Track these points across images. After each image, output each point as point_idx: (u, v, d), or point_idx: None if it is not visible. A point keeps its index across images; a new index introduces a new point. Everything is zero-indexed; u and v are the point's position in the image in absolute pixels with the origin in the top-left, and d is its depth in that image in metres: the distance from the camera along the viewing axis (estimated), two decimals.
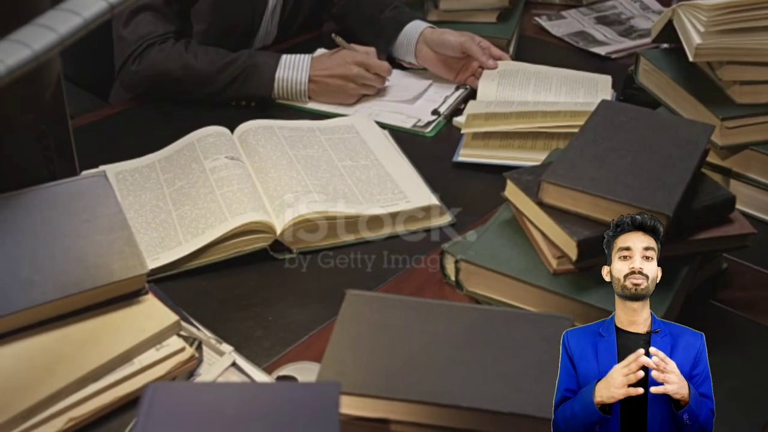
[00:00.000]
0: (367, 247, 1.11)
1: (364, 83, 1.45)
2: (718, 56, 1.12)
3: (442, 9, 1.69)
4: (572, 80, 1.42)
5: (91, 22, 0.66)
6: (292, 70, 1.44)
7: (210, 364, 0.88)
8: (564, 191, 0.89)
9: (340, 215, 1.09)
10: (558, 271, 0.89)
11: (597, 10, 1.86)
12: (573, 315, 0.88)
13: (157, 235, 1.08)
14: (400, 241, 1.12)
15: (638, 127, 0.99)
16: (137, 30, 1.41)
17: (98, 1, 0.67)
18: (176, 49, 1.42)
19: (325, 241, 1.10)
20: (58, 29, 0.62)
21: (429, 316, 0.80)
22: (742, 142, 1.14)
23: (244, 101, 1.45)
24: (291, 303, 1.01)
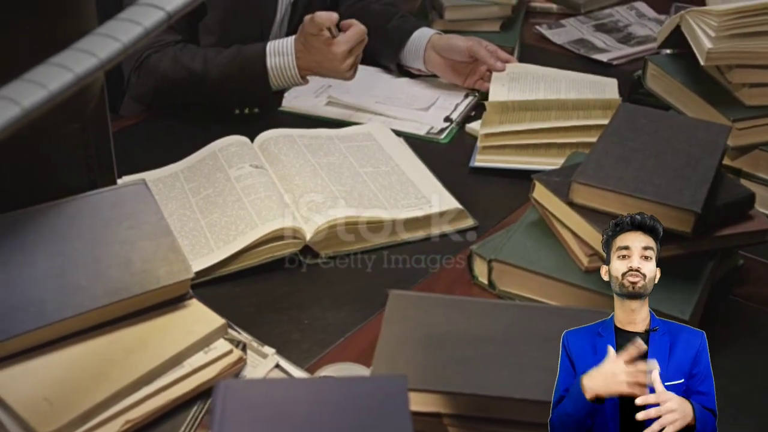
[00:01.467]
0: (393, 250, 1.13)
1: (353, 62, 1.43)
2: (728, 60, 1.16)
3: (447, 19, 1.73)
4: (580, 83, 1.46)
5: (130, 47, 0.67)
6: (280, 57, 1.44)
7: (254, 366, 0.90)
8: (594, 191, 0.92)
9: (367, 220, 1.12)
10: (590, 268, 0.92)
11: (595, 18, 1.91)
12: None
13: (187, 243, 1.09)
14: (424, 245, 1.15)
15: (658, 129, 1.02)
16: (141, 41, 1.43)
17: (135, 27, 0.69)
18: (171, 51, 1.44)
19: (353, 245, 1.12)
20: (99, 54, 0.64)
21: (472, 313, 0.83)
22: (752, 143, 1.18)
23: (246, 108, 1.46)
24: (325, 306, 1.04)
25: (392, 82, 1.57)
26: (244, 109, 1.47)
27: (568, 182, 0.93)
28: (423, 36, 1.57)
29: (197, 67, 1.43)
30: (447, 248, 1.14)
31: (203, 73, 1.43)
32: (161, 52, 1.44)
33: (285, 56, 1.44)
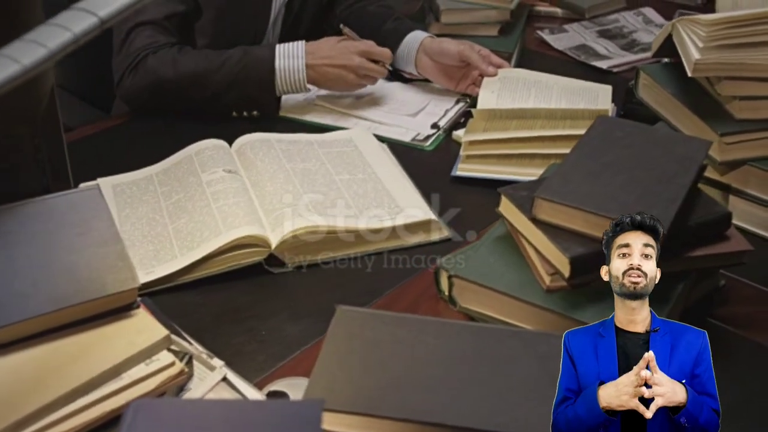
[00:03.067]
0: (362, 261, 1.11)
1: (365, 74, 1.45)
2: (716, 71, 1.11)
3: (443, 22, 1.69)
4: (572, 90, 1.42)
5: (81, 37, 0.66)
6: (289, 59, 1.42)
7: (201, 379, 0.88)
8: (557, 207, 0.88)
9: (334, 229, 1.09)
10: (551, 288, 0.88)
11: (599, 23, 1.86)
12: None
13: (152, 248, 1.08)
14: (396, 256, 1.12)
15: (635, 143, 0.99)
16: (134, 43, 1.41)
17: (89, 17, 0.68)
18: (169, 53, 1.41)
19: (321, 255, 1.10)
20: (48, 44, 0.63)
21: (420, 333, 0.80)
22: (741, 158, 1.14)
23: (245, 111, 1.45)
24: (285, 317, 1.01)
25: (383, 85, 1.54)
26: (243, 112, 1.45)
27: (532, 197, 0.89)
28: (415, 39, 1.54)
29: (199, 69, 1.41)
30: (417, 261, 1.11)
31: (205, 75, 1.41)
32: (158, 53, 1.42)
33: (294, 59, 1.42)
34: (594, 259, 0.86)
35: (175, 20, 1.45)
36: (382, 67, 1.47)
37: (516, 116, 1.31)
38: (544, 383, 0.73)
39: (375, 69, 1.45)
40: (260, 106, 1.45)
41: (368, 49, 1.45)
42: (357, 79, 1.45)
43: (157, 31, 1.43)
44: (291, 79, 1.43)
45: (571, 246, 0.86)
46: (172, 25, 1.45)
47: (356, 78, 1.45)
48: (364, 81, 1.46)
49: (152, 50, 1.42)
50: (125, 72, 1.42)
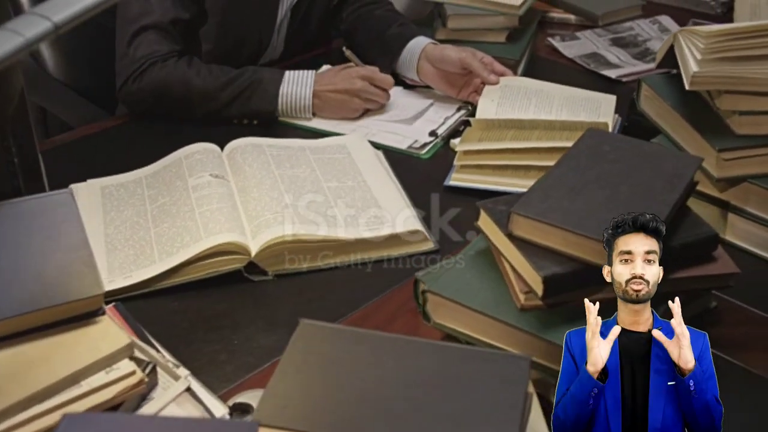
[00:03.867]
0: (345, 272, 1.09)
1: (367, 98, 1.44)
2: (715, 85, 1.07)
3: (450, 27, 1.67)
4: (575, 100, 1.39)
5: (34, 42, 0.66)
6: (296, 86, 1.43)
7: (165, 388, 0.87)
8: (534, 224, 0.85)
9: (317, 239, 1.07)
10: (525, 306, 0.85)
11: (613, 31, 1.82)
12: (540, 353, 0.85)
13: (132, 253, 1.07)
14: (379, 267, 1.10)
15: (622, 158, 0.95)
16: (140, 49, 1.41)
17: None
18: (179, 65, 1.41)
19: (302, 264, 1.08)
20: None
21: (381, 351, 0.77)
22: (740, 175, 1.10)
23: (246, 119, 1.44)
24: (260, 327, 1.00)
25: None
26: (243, 120, 1.44)
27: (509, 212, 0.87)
28: (417, 46, 1.52)
29: (208, 86, 1.41)
30: (401, 272, 1.08)
31: (213, 92, 1.41)
32: (168, 64, 1.41)
33: (302, 86, 1.43)
34: (570, 279, 0.84)
35: (180, 25, 1.44)
36: (385, 92, 1.45)
37: (514, 126, 1.28)
38: (504, 407, 0.71)
39: (377, 93, 1.44)
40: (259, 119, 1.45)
41: (370, 74, 1.44)
42: (360, 103, 1.44)
43: (162, 37, 1.41)
44: (295, 106, 1.43)
45: (547, 264, 0.83)
46: (176, 31, 1.44)
47: (360, 102, 1.44)
48: (368, 105, 1.45)
49: (159, 59, 1.41)
50: (129, 78, 1.42)
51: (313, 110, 1.44)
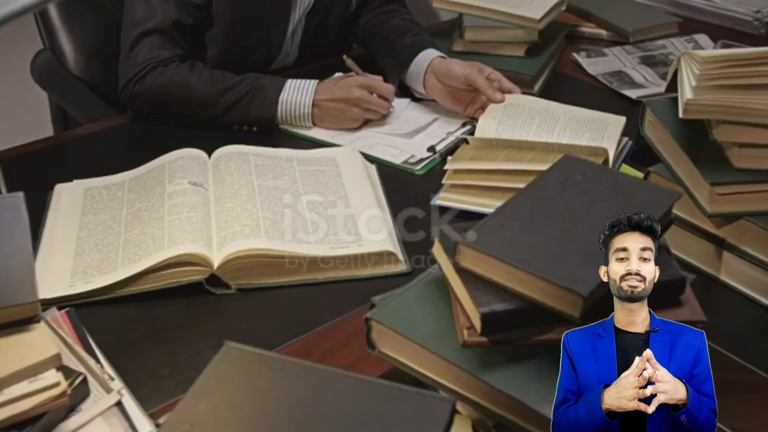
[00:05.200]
0: (309, 290, 1.06)
1: (367, 107, 1.41)
2: (709, 114, 1.00)
3: (467, 39, 1.62)
4: (580, 121, 1.32)
5: None
6: (297, 94, 1.40)
7: (95, 400, 0.85)
8: (480, 256, 0.81)
9: (282, 254, 1.04)
10: (467, 342, 0.80)
11: (644, 49, 1.74)
12: (480, 392, 0.80)
13: (99, 257, 1.06)
14: (346, 287, 1.06)
15: (592, 189, 0.89)
16: (142, 53, 1.41)
17: None
18: (180, 70, 1.41)
19: (266, 279, 1.05)
20: None
21: (301, 381, 0.74)
22: (735, 211, 1.02)
23: (246, 126, 1.43)
24: (211, 343, 0.97)
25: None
26: (243, 126, 1.43)
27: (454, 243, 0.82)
28: (425, 59, 1.47)
29: (208, 91, 1.40)
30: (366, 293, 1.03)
31: (213, 97, 1.40)
32: (169, 68, 1.42)
33: (303, 94, 1.40)
34: (513, 318, 0.79)
35: (184, 30, 1.44)
36: (385, 102, 1.41)
37: (510, 146, 1.23)
38: None
39: (377, 103, 1.41)
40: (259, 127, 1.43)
41: (370, 83, 1.41)
42: (360, 113, 1.40)
43: (165, 41, 1.42)
44: (295, 114, 1.41)
45: (488, 300, 0.78)
46: (179, 36, 1.43)
47: (359, 112, 1.40)
48: (368, 115, 1.41)
49: (159, 64, 1.41)
50: (130, 81, 1.42)
51: (312, 120, 1.41)
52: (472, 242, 0.81)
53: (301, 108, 1.40)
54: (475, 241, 0.81)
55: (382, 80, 1.43)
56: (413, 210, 1.19)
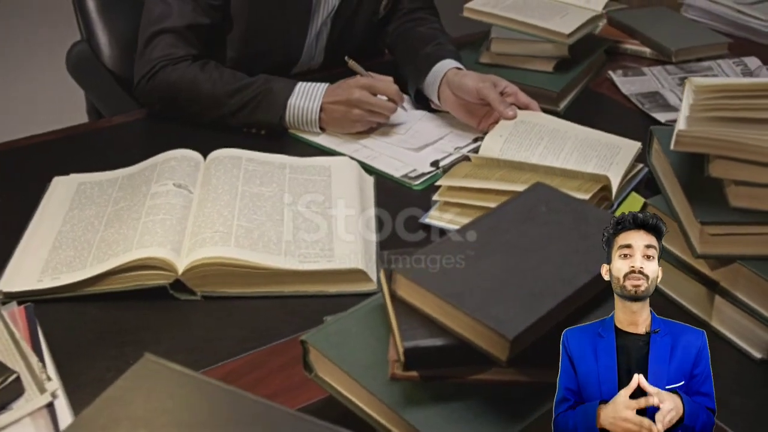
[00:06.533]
0: (273, 302, 1.03)
1: (369, 108, 1.36)
2: (702, 147, 0.92)
3: (493, 51, 1.56)
4: (590, 145, 1.25)
5: None
6: (305, 98, 1.38)
7: (27, 400, 0.85)
8: (414, 287, 0.76)
9: (249, 264, 1.02)
10: (395, 375, 0.76)
11: (687, 70, 1.64)
12: (403, 428, 0.76)
13: (72, 254, 1.06)
14: (311, 302, 1.03)
15: (554, 221, 0.84)
16: (156, 50, 1.41)
17: None
18: (191, 69, 1.41)
19: (231, 288, 1.04)
20: None
21: (209, 405, 0.71)
22: (727, 253, 0.94)
23: (254, 129, 1.41)
24: (166, 348, 0.96)
25: (403, 113, 1.44)
26: (252, 129, 1.42)
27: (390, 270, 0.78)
28: (441, 70, 1.43)
29: (217, 91, 1.39)
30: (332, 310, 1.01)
31: (221, 97, 1.39)
32: (179, 67, 1.41)
33: (311, 99, 1.37)
34: (443, 354, 0.75)
35: (199, 31, 1.44)
36: (389, 103, 1.37)
37: (508, 166, 1.18)
38: None
39: (379, 104, 1.36)
40: (267, 130, 1.41)
41: (371, 83, 1.36)
42: (361, 114, 1.36)
43: (178, 40, 1.42)
44: (302, 119, 1.38)
45: (415, 334, 0.74)
46: (193, 36, 1.43)
47: (360, 113, 1.36)
48: (372, 118, 1.37)
49: (171, 62, 1.41)
50: (143, 78, 1.43)
51: (320, 124, 1.38)
52: (406, 271, 0.77)
53: (308, 114, 1.38)
54: (409, 269, 0.77)
55: (389, 81, 1.38)
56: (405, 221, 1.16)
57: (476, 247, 0.80)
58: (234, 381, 0.92)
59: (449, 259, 0.78)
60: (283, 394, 0.90)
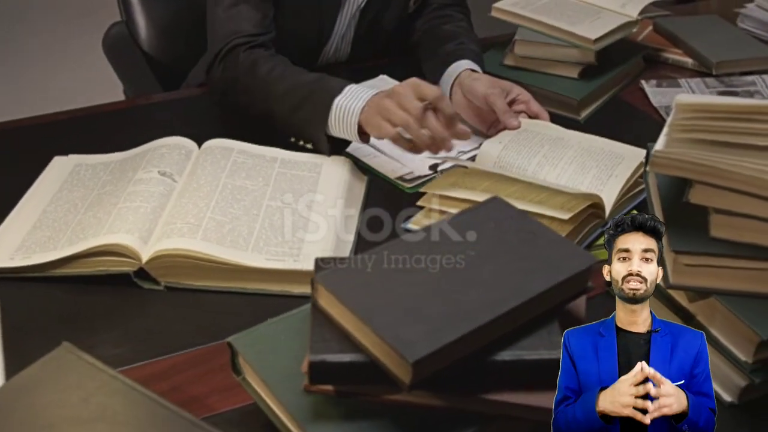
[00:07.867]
0: (235, 299, 1.02)
1: (399, 102, 1.15)
2: (678, 170, 0.85)
3: (516, 53, 1.50)
4: (592, 154, 1.19)
5: None
6: (351, 99, 1.21)
7: None
8: (333, 299, 0.73)
9: (213, 259, 1.01)
10: (308, 388, 0.74)
11: (727, 84, 1.54)
12: None
13: (48, 234, 1.08)
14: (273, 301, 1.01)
15: (500, 241, 0.79)
16: (231, 22, 1.34)
17: None
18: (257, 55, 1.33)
19: (194, 280, 1.03)
20: None
21: (109, 400, 0.71)
22: (701, 286, 0.87)
23: (302, 140, 1.30)
24: (113, 337, 0.96)
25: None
26: (299, 141, 1.31)
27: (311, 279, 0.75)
28: (456, 70, 1.38)
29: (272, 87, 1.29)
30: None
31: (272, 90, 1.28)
32: (246, 54, 1.33)
33: (356, 100, 1.20)
34: (352, 371, 0.72)
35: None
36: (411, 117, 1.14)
37: (500, 179, 1.13)
38: None
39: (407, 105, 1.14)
40: (311, 137, 1.26)
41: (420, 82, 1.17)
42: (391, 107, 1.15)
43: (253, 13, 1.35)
44: (344, 121, 1.21)
45: (323, 347, 0.71)
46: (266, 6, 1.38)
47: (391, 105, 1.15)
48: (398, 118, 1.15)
49: (242, 42, 1.33)
50: (215, 59, 1.35)
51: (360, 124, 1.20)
52: (325, 279, 0.74)
53: (350, 115, 1.20)
54: (329, 278, 0.74)
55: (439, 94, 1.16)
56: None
57: (404, 260, 0.76)
58: (173, 376, 0.91)
59: (371, 271, 0.75)
60: (217, 393, 0.88)
